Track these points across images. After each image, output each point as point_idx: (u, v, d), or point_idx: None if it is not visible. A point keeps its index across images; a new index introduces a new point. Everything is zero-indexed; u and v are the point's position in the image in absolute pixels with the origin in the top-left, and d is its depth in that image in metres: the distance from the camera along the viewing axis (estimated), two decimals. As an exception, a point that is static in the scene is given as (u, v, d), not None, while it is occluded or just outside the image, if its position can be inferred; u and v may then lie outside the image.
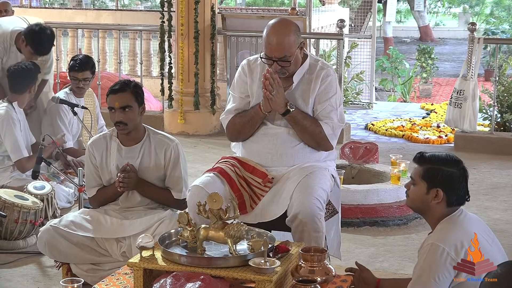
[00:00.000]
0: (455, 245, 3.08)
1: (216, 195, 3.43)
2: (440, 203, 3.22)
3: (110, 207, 4.35)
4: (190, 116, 8.42)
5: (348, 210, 5.37)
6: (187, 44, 8.26)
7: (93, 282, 3.77)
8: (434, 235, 3.17)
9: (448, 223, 3.18)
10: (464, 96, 7.76)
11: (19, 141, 5.48)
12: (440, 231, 3.17)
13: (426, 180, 3.23)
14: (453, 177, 3.21)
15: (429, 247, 3.11)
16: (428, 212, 3.26)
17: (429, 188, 3.22)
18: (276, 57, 3.93)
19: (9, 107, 5.55)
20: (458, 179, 3.22)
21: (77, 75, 5.91)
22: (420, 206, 3.29)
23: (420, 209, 3.31)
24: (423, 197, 3.24)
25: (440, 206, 3.22)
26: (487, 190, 6.44)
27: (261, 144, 4.08)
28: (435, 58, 14.68)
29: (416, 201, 3.28)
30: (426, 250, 3.12)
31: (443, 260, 3.06)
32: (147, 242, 3.42)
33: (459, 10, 27.27)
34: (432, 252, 3.09)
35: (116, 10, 14.90)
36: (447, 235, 3.12)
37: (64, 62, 11.84)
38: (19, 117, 5.60)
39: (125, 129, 4.22)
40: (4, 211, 4.81)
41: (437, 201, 3.21)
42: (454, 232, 3.13)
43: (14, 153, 5.49)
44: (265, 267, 3.22)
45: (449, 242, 3.08)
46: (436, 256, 3.07)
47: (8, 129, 5.47)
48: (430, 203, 3.23)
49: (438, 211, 3.23)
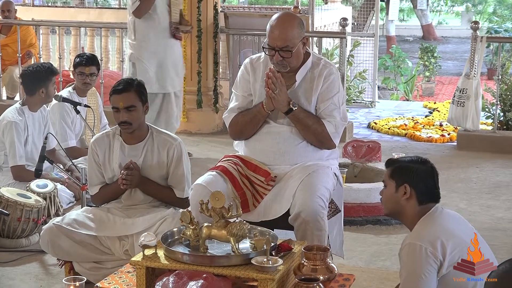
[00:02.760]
0: (430, 240, 3.10)
1: (218, 194, 3.43)
2: (410, 200, 3.24)
3: (112, 205, 4.35)
4: (192, 115, 8.42)
5: (351, 208, 5.37)
6: (190, 43, 8.26)
7: (96, 281, 3.78)
8: (411, 235, 3.21)
9: (424, 221, 3.21)
10: (467, 94, 7.75)
11: (16, 148, 5.45)
12: (416, 230, 3.21)
13: (393, 178, 3.28)
14: (419, 171, 3.26)
15: (407, 247, 3.14)
16: (402, 212, 3.29)
17: (397, 186, 3.26)
18: (278, 46, 3.94)
19: (20, 112, 5.55)
20: (424, 174, 3.27)
21: (84, 70, 5.94)
22: (393, 207, 3.31)
23: (394, 211, 3.33)
24: (393, 197, 3.28)
25: (411, 204, 3.25)
26: (490, 189, 6.43)
27: (264, 143, 4.09)
28: (438, 57, 14.66)
29: (388, 203, 3.32)
30: (405, 252, 3.15)
31: (423, 256, 3.08)
32: (150, 241, 3.43)
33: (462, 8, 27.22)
34: (411, 252, 3.11)
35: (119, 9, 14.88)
36: (421, 233, 3.16)
37: (67, 60, 11.85)
38: (28, 122, 5.58)
39: (129, 129, 4.22)
40: (7, 209, 4.81)
41: (406, 197, 3.24)
42: (428, 229, 3.16)
43: (10, 159, 5.50)
44: (268, 266, 3.23)
45: (424, 239, 3.11)
46: (415, 255, 3.09)
47: (10, 134, 5.45)
48: (400, 201, 3.26)
49: (411, 209, 3.25)
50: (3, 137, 5.50)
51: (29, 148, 5.59)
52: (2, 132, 5.50)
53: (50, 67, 5.72)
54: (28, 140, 5.57)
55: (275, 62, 3.99)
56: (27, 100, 5.62)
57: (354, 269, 4.45)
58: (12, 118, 5.49)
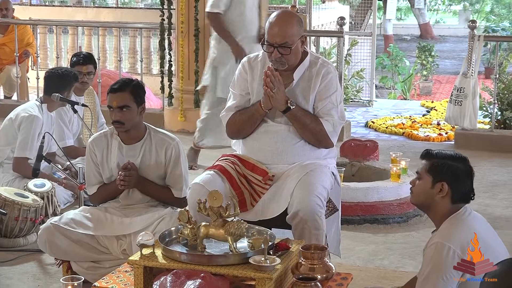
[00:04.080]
0: (461, 244, 3.05)
1: (216, 193, 3.43)
2: (444, 198, 3.20)
3: (110, 205, 4.35)
4: (190, 114, 8.40)
5: (349, 207, 5.37)
6: (187, 42, 8.24)
7: (94, 280, 3.77)
8: (439, 234, 3.14)
9: (454, 221, 3.16)
10: (464, 93, 7.75)
11: (29, 140, 5.46)
12: (445, 229, 3.15)
13: (431, 173, 3.22)
14: (458, 171, 3.20)
15: (435, 246, 3.08)
16: (432, 208, 3.24)
17: (434, 181, 3.21)
18: (277, 42, 3.94)
19: (40, 109, 5.56)
20: (464, 175, 3.22)
21: (81, 69, 5.95)
22: (424, 201, 3.26)
23: (424, 204, 3.28)
24: (428, 191, 3.23)
25: (444, 202, 3.21)
26: (488, 187, 6.44)
27: (262, 142, 4.09)
28: (435, 56, 14.66)
29: (421, 196, 3.27)
30: (431, 249, 3.09)
31: (449, 259, 3.03)
32: (148, 240, 3.42)
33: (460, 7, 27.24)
34: (438, 251, 3.06)
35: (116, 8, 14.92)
36: (452, 234, 3.10)
37: (64, 59, 11.85)
38: (45, 120, 5.59)
39: (122, 128, 4.22)
40: (4, 208, 4.81)
41: (442, 195, 3.20)
42: (460, 231, 3.11)
43: (19, 149, 5.49)
44: (266, 265, 3.23)
45: (455, 241, 3.06)
46: (442, 255, 3.04)
47: (28, 126, 5.47)
48: (434, 197, 3.21)
49: (442, 207, 3.21)
50: (18, 130, 5.50)
51: (38, 146, 5.60)
52: (19, 124, 5.50)
53: (76, 73, 5.76)
54: (39, 137, 5.58)
55: (273, 59, 3.99)
56: (46, 100, 5.63)
57: (351, 268, 4.45)
58: (35, 113, 5.51)
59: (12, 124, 5.54)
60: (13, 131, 5.52)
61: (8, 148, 5.56)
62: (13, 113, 5.60)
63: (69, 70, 5.78)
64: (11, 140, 5.53)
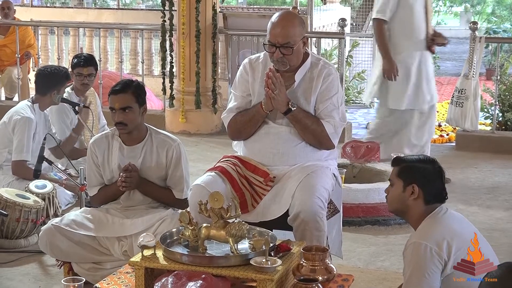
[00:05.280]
0: (436, 240, 3.10)
1: (217, 194, 3.43)
2: (417, 200, 3.25)
3: (111, 206, 4.35)
4: (191, 115, 8.42)
5: (350, 209, 5.37)
6: (189, 43, 8.26)
7: (95, 281, 3.77)
8: (416, 234, 3.21)
9: (429, 220, 3.22)
10: (465, 95, 7.75)
11: (25, 143, 5.46)
12: (421, 229, 3.21)
13: (401, 177, 3.28)
14: (427, 172, 3.26)
15: (412, 246, 3.14)
16: (407, 212, 3.29)
17: (405, 185, 3.26)
18: (279, 42, 3.95)
19: (31, 109, 5.56)
20: (433, 175, 3.27)
21: (82, 71, 5.94)
22: (399, 206, 3.31)
23: (399, 210, 3.33)
24: (400, 196, 3.28)
25: (418, 204, 3.25)
26: (489, 189, 6.43)
27: (263, 143, 4.09)
28: (436, 57, 14.65)
29: (395, 202, 3.32)
30: (409, 251, 3.15)
31: (428, 256, 3.08)
32: (149, 241, 3.43)
33: (461, 9, 27.25)
34: (416, 251, 3.11)
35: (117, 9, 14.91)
36: (427, 232, 3.16)
37: (66, 61, 11.85)
38: (38, 120, 5.59)
39: (125, 129, 4.22)
40: (5, 210, 4.81)
41: (414, 197, 3.25)
42: (435, 229, 3.16)
43: (16, 153, 5.49)
44: (267, 266, 3.23)
45: (430, 238, 3.11)
46: (420, 254, 3.09)
47: (22, 129, 5.46)
48: (407, 201, 3.26)
49: (417, 209, 3.25)
50: (12, 133, 5.50)
51: (35, 147, 5.60)
52: (13, 127, 5.50)
53: (66, 71, 5.75)
54: (35, 137, 5.58)
55: (275, 60, 3.99)
56: (37, 99, 5.63)
57: (353, 269, 4.45)
58: (27, 114, 5.50)
59: (6, 128, 5.53)
60: (8, 134, 5.52)
61: (5, 150, 5.56)
62: (6, 116, 5.59)
63: (59, 68, 5.76)
64: (7, 143, 5.54)
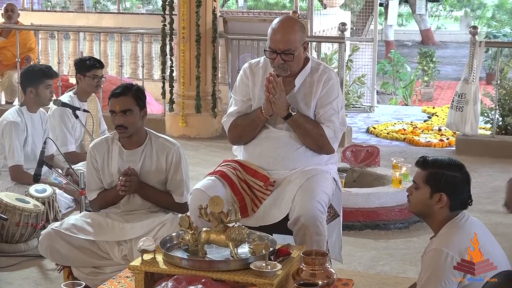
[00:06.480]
0: (459, 249, 3.06)
1: (217, 198, 3.43)
2: (443, 208, 3.21)
3: (111, 210, 4.35)
4: (191, 119, 8.42)
5: (350, 213, 5.37)
6: (189, 47, 8.26)
7: (94, 285, 3.77)
8: (437, 240, 3.16)
9: (452, 227, 3.17)
10: (465, 99, 7.75)
11: (15, 148, 5.45)
12: (443, 235, 3.16)
13: (429, 184, 3.22)
14: (456, 181, 3.21)
15: (433, 252, 3.09)
16: (430, 216, 3.26)
17: (433, 192, 3.21)
18: (280, 49, 3.94)
19: (19, 112, 5.56)
20: (462, 183, 3.22)
21: (97, 73, 6.01)
22: (423, 210, 3.28)
23: (422, 213, 3.30)
24: (426, 202, 3.23)
25: (443, 210, 3.22)
26: (489, 193, 6.43)
27: (263, 148, 4.09)
28: (436, 62, 14.68)
29: (419, 206, 3.28)
30: (429, 256, 3.10)
31: (448, 265, 3.04)
32: (149, 245, 3.42)
33: (461, 13, 27.27)
34: (436, 258, 3.07)
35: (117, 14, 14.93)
36: (450, 240, 3.11)
37: (66, 65, 11.86)
38: (28, 122, 5.58)
39: (125, 133, 4.22)
40: (5, 214, 4.81)
41: (441, 205, 3.21)
42: (458, 236, 3.12)
43: (9, 159, 5.49)
44: (267, 271, 3.22)
45: (453, 247, 3.07)
46: (440, 261, 3.06)
47: (9, 134, 5.46)
48: (433, 207, 3.22)
49: (440, 215, 3.22)
50: (2, 138, 5.51)
51: (29, 149, 5.59)
52: (1, 133, 5.51)
53: (45, 69, 5.70)
54: (27, 140, 5.57)
55: (275, 66, 3.99)
56: (25, 100, 5.64)
57: (352, 274, 4.45)
58: (12, 118, 5.50)
59: None
60: (2, 140, 5.53)
61: (2, 157, 5.56)
62: None
63: (38, 66, 5.77)
64: (2, 149, 5.54)
